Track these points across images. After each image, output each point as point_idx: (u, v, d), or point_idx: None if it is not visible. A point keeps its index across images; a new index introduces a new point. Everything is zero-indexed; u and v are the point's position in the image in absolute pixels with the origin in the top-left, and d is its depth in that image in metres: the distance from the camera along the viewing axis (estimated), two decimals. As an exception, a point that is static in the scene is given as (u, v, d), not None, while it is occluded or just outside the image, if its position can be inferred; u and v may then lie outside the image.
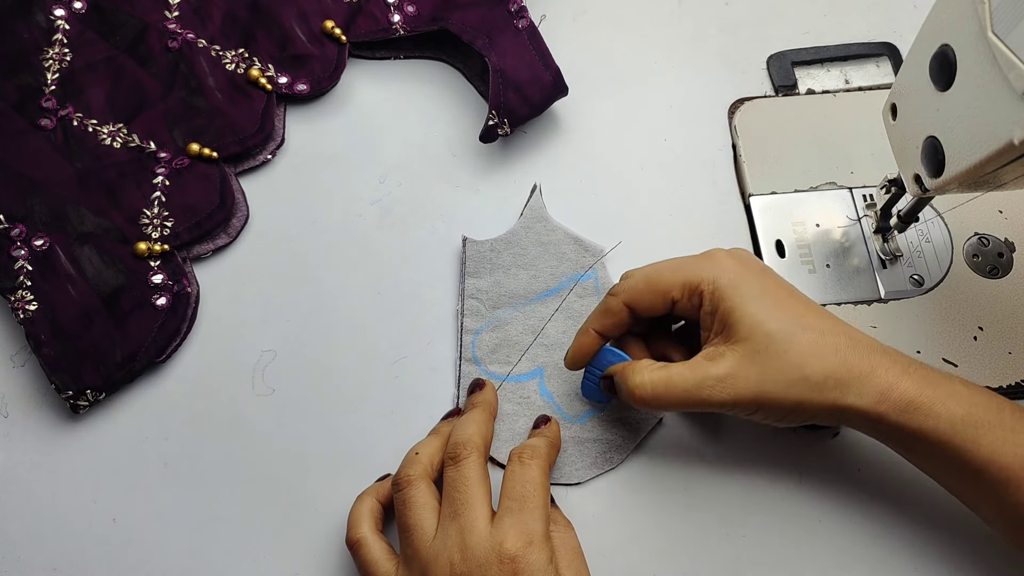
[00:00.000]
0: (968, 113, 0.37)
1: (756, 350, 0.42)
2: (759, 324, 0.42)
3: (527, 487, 0.42)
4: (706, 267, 0.45)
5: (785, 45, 0.62)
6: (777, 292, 0.44)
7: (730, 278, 0.44)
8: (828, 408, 0.42)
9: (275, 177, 0.58)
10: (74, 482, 0.50)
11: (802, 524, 0.48)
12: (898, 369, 0.41)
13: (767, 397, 0.42)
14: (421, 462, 0.45)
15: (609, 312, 0.47)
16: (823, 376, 0.41)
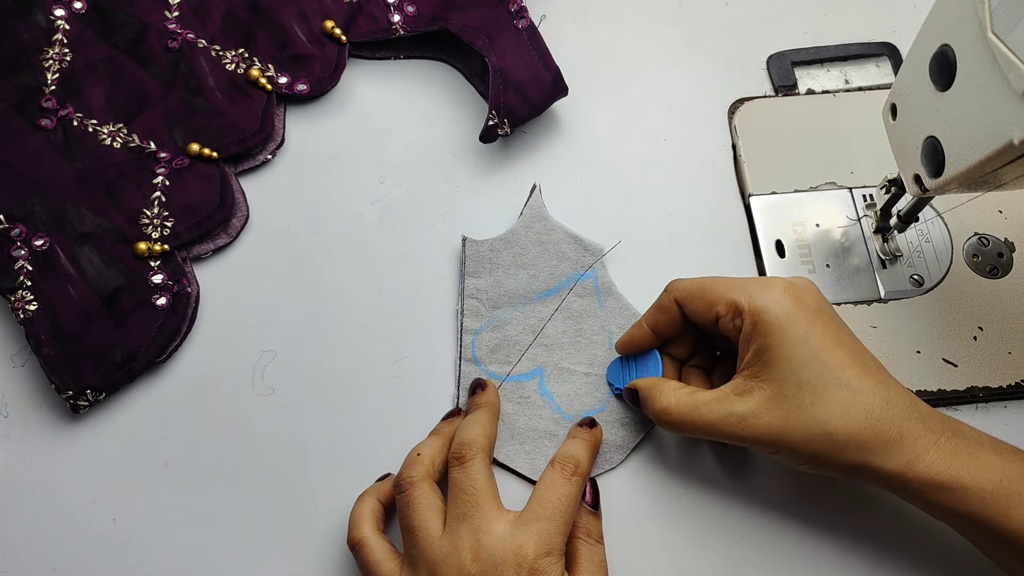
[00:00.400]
0: (968, 113, 0.37)
1: (784, 395, 0.41)
2: (792, 370, 0.41)
3: (561, 501, 0.42)
4: (758, 295, 0.43)
5: (785, 45, 0.62)
6: (824, 338, 0.42)
7: (777, 314, 0.42)
8: (848, 467, 0.41)
9: (275, 177, 0.58)
10: (74, 482, 0.50)
11: (802, 524, 0.48)
12: (929, 439, 0.40)
13: (786, 444, 0.41)
14: (423, 463, 0.45)
15: (662, 309, 0.47)
16: (847, 436, 0.40)
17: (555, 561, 0.41)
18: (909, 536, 0.47)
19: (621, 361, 0.51)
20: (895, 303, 0.52)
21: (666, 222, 0.56)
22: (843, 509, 0.48)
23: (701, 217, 0.56)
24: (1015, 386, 0.50)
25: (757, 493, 0.49)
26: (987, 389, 0.50)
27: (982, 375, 0.50)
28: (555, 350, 0.52)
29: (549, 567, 0.40)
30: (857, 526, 0.48)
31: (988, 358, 0.51)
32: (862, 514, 0.48)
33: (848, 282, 0.53)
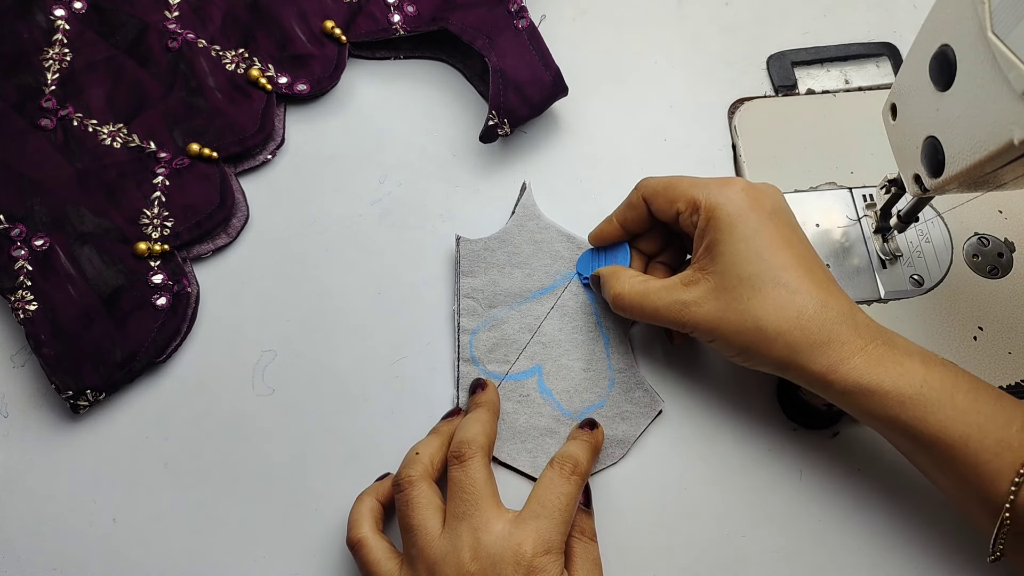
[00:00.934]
0: (968, 113, 0.37)
1: (725, 287, 0.43)
2: (735, 265, 0.43)
3: (560, 500, 0.43)
4: (716, 192, 0.45)
5: (785, 45, 0.62)
6: (772, 239, 0.43)
7: (730, 211, 0.44)
8: (775, 362, 0.43)
9: (275, 177, 0.58)
10: (74, 482, 0.50)
11: (802, 524, 0.48)
12: (857, 345, 0.42)
13: (720, 334, 0.44)
14: (422, 462, 0.45)
15: (631, 205, 0.49)
16: (776, 333, 0.42)
17: (554, 559, 0.41)
18: (908, 536, 0.47)
19: (592, 252, 0.53)
20: (895, 303, 0.52)
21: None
22: (843, 509, 0.48)
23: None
24: (1015, 386, 0.50)
25: (757, 493, 0.49)
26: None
27: (982, 375, 0.50)
28: (552, 347, 0.52)
29: (548, 565, 0.41)
30: (856, 526, 0.48)
31: (988, 358, 0.51)
32: (862, 514, 0.48)
33: (848, 282, 0.53)
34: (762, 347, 0.43)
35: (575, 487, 0.44)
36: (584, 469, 0.45)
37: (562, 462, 0.45)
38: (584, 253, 0.53)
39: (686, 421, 0.51)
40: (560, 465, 0.44)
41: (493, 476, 0.44)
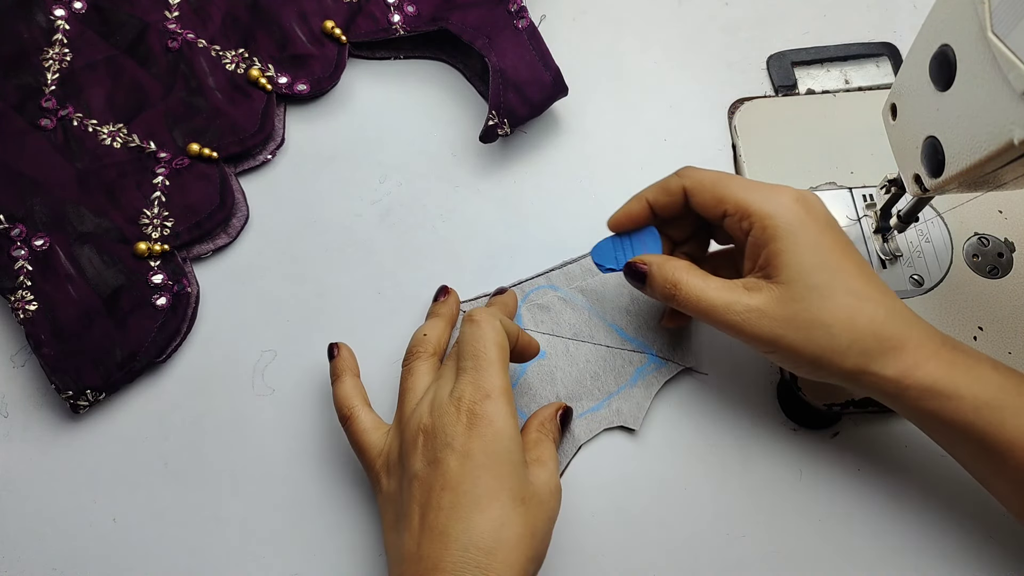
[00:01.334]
0: (968, 113, 0.37)
1: (792, 297, 0.42)
2: (804, 274, 0.42)
3: (478, 344, 0.43)
4: (769, 200, 0.44)
5: (785, 45, 0.62)
6: (833, 248, 0.43)
7: (789, 220, 0.43)
8: (847, 372, 0.42)
9: (275, 177, 0.58)
10: (74, 482, 0.50)
11: (802, 524, 0.48)
12: (929, 348, 0.41)
13: (785, 343, 0.42)
14: (431, 341, 0.48)
15: (667, 190, 0.47)
16: (849, 341, 0.41)
17: (495, 402, 0.41)
18: (908, 535, 0.47)
19: (613, 240, 0.50)
20: (895, 303, 0.52)
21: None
22: (843, 509, 0.48)
23: (701, 217, 0.56)
24: (1015, 386, 0.50)
25: (757, 493, 0.49)
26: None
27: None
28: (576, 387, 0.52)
29: (490, 407, 0.41)
30: (856, 526, 0.48)
31: (988, 358, 0.50)
32: (861, 514, 0.48)
33: (848, 282, 0.53)
34: (835, 357, 0.41)
35: (487, 327, 0.44)
36: (492, 312, 0.45)
37: (468, 315, 0.45)
38: (602, 241, 0.50)
39: (686, 421, 0.51)
40: (467, 317, 0.45)
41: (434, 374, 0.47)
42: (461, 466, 0.40)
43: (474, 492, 0.40)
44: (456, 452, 0.40)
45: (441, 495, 0.40)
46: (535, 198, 0.57)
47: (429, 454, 0.41)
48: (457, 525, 0.39)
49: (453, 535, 0.39)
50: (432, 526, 0.40)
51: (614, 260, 0.49)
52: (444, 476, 0.40)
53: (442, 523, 0.39)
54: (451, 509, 0.39)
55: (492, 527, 0.39)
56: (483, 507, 0.39)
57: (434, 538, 0.39)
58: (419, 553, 0.39)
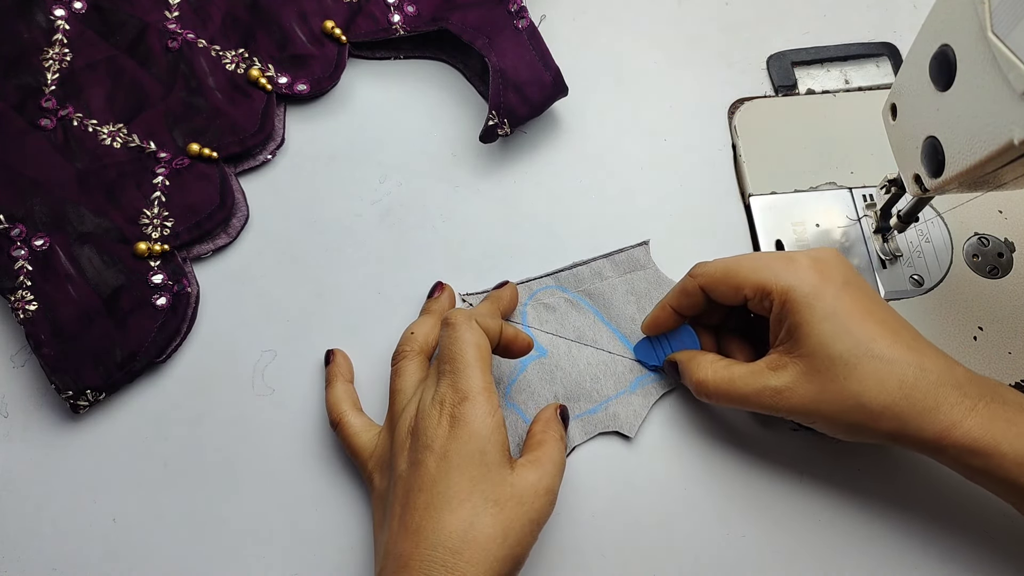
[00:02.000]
0: (968, 113, 0.37)
1: (816, 369, 0.42)
2: (823, 345, 0.41)
3: (455, 347, 0.43)
4: (783, 273, 0.43)
5: (785, 45, 0.62)
6: (852, 311, 0.42)
7: (804, 292, 0.42)
8: (885, 435, 0.41)
9: (275, 177, 0.58)
10: (74, 482, 0.50)
11: (802, 524, 0.48)
12: (966, 406, 0.40)
13: (821, 415, 0.42)
14: (417, 340, 0.49)
15: (685, 292, 0.48)
16: (881, 408, 0.40)
17: (474, 403, 0.42)
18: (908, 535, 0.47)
19: (650, 340, 0.51)
20: (895, 303, 0.52)
21: (666, 222, 0.56)
22: (843, 509, 0.48)
23: (701, 217, 0.56)
24: (1016, 386, 0.50)
25: (757, 494, 0.49)
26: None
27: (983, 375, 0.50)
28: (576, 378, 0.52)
29: (467, 409, 0.42)
30: (856, 526, 0.48)
31: (988, 358, 0.51)
32: (861, 514, 0.48)
33: (848, 282, 0.53)
34: (869, 423, 0.41)
35: (463, 329, 0.44)
36: (466, 314, 0.45)
37: (445, 318, 0.45)
38: (640, 342, 0.52)
39: (686, 422, 0.51)
40: (444, 321, 0.45)
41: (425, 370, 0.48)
42: (437, 467, 0.41)
43: (447, 493, 0.40)
44: (435, 454, 0.41)
45: (418, 495, 0.41)
46: (535, 198, 0.57)
47: (412, 456, 0.42)
48: (428, 524, 0.40)
49: (424, 534, 0.40)
50: (407, 525, 0.40)
51: (655, 358, 0.51)
52: (421, 477, 0.41)
53: (416, 522, 0.40)
54: (425, 509, 0.40)
55: (461, 527, 0.40)
56: (454, 507, 0.40)
57: (407, 536, 0.40)
58: (394, 551, 0.40)
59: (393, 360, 0.48)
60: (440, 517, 0.40)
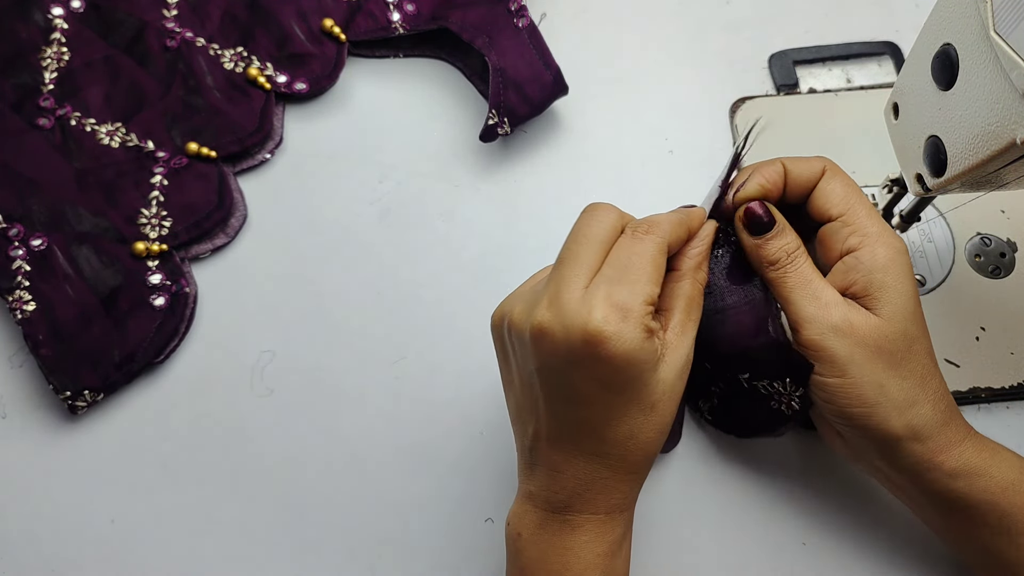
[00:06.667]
0: (970, 112, 0.37)
1: (887, 336, 0.39)
2: (905, 320, 0.39)
3: (632, 258, 0.38)
4: (886, 233, 0.41)
5: (786, 44, 0.61)
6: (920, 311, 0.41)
7: (899, 262, 0.40)
8: (891, 433, 0.40)
9: (274, 177, 0.58)
10: (72, 483, 0.50)
11: (802, 524, 0.48)
12: (964, 430, 0.41)
13: (852, 371, 0.39)
14: (662, 226, 0.40)
15: (804, 162, 0.43)
16: (913, 400, 0.40)
17: (630, 325, 0.36)
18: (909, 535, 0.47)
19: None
20: (897, 303, 0.52)
21: (667, 222, 0.56)
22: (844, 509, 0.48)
23: (702, 217, 0.56)
24: (1017, 387, 0.50)
25: (757, 493, 0.49)
26: (989, 390, 0.50)
27: (984, 376, 0.50)
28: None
29: (623, 331, 0.36)
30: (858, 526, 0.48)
31: (990, 358, 0.50)
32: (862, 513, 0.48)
33: (849, 282, 0.53)
34: (891, 412, 0.39)
35: (650, 244, 0.38)
36: (662, 228, 0.39)
37: (636, 224, 0.40)
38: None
39: (685, 421, 0.50)
40: (633, 227, 0.39)
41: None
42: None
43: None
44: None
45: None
46: (535, 198, 0.57)
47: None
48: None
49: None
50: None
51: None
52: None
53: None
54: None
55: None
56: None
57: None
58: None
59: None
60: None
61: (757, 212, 0.42)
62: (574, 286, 0.37)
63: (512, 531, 0.41)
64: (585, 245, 0.39)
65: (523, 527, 0.40)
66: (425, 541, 0.48)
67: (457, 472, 0.50)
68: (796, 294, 0.41)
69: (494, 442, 0.50)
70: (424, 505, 0.49)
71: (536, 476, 0.40)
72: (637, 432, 0.38)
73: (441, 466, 0.50)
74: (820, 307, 0.40)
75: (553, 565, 0.39)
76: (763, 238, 0.42)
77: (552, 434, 0.39)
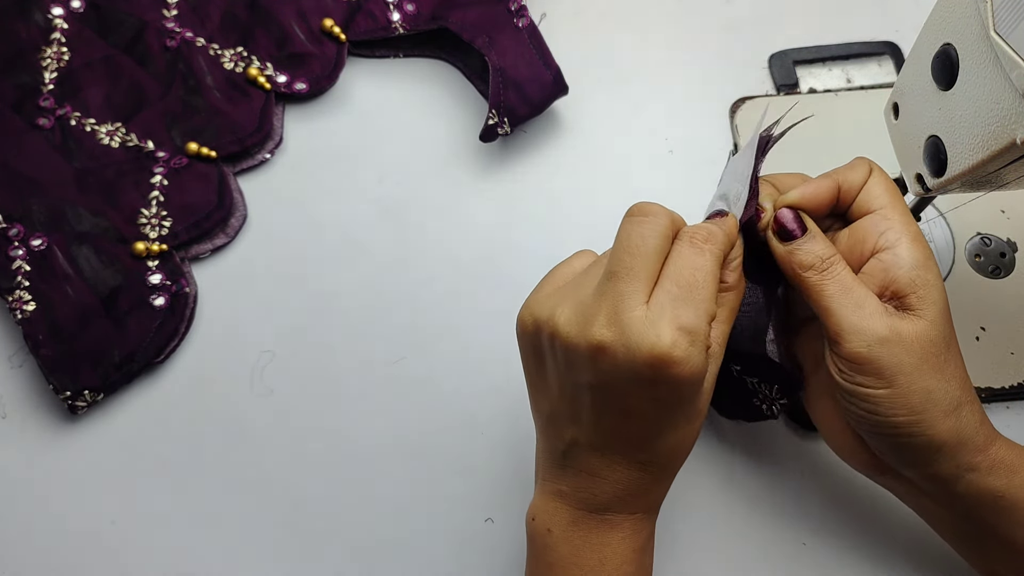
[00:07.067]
0: (970, 112, 0.37)
1: (931, 340, 0.38)
2: (944, 323, 0.38)
3: (697, 275, 0.36)
4: (920, 237, 0.39)
5: (786, 44, 0.61)
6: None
7: (932, 265, 0.39)
8: (937, 439, 0.38)
9: (274, 176, 0.58)
10: (72, 483, 0.50)
11: (802, 524, 0.48)
12: (992, 428, 0.40)
13: (902, 379, 0.37)
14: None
15: (853, 169, 0.42)
16: (958, 402, 0.38)
17: (696, 348, 0.35)
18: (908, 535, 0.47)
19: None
20: (897, 303, 0.52)
21: (667, 222, 0.56)
22: (843, 509, 0.48)
23: (702, 217, 0.56)
24: (1017, 387, 0.50)
25: (757, 493, 0.49)
26: (989, 390, 0.50)
27: (984, 376, 0.50)
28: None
29: (690, 354, 0.35)
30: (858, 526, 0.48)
31: (990, 359, 0.50)
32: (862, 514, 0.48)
33: (849, 282, 0.53)
34: (936, 415, 0.38)
35: (711, 258, 0.37)
36: (720, 240, 0.38)
37: (690, 232, 0.38)
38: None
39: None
40: (688, 236, 0.37)
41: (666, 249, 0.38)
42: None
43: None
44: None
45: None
46: (535, 198, 0.57)
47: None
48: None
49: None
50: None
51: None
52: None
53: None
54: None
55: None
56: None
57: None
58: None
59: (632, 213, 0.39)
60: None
61: (788, 223, 0.40)
62: (634, 302, 0.35)
63: (540, 526, 0.40)
64: (641, 258, 0.36)
65: (554, 523, 0.40)
66: (425, 541, 0.48)
67: (457, 472, 0.50)
68: (836, 303, 0.38)
69: (494, 442, 0.50)
70: (424, 505, 0.49)
71: (568, 476, 0.40)
72: (682, 440, 0.38)
73: (441, 466, 0.50)
74: (864, 317, 0.38)
75: (588, 561, 0.39)
76: (794, 243, 0.40)
77: (595, 443, 0.38)
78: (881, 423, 0.38)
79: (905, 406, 0.38)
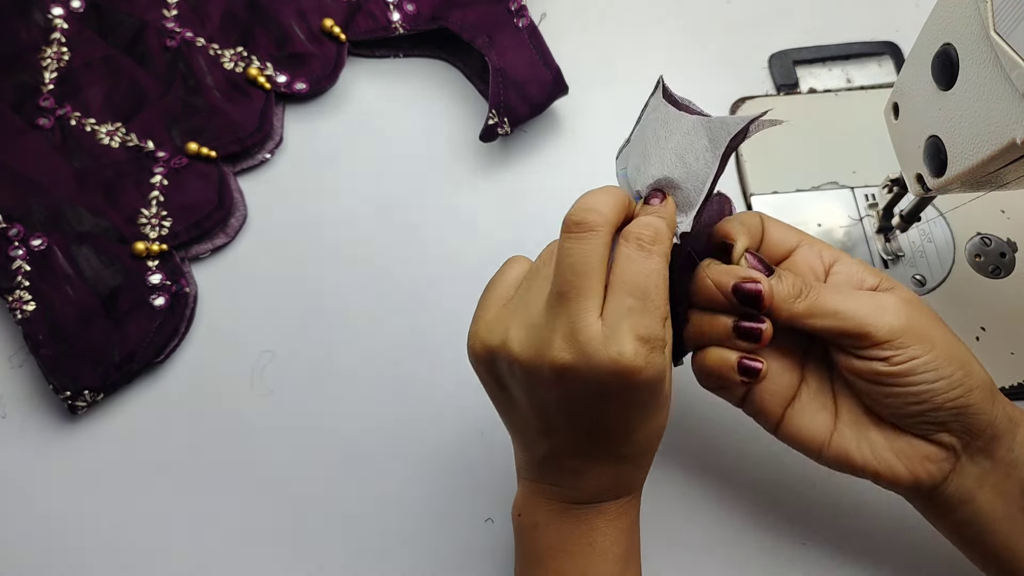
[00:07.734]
0: (970, 112, 0.37)
1: (916, 303, 0.39)
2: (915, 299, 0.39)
3: (649, 280, 0.35)
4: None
5: (786, 44, 0.61)
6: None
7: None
8: (986, 381, 0.38)
9: (274, 176, 0.58)
10: (72, 483, 0.50)
11: (802, 524, 0.48)
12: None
13: (938, 341, 0.37)
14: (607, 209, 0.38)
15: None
16: (987, 379, 0.39)
17: (657, 353, 0.35)
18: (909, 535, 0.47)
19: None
20: (897, 303, 0.52)
21: (667, 222, 0.56)
22: (844, 509, 0.48)
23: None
24: (1018, 386, 0.50)
25: (757, 493, 0.49)
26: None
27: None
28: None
29: (652, 360, 0.35)
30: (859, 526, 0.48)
31: (991, 358, 0.50)
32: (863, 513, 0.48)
33: (850, 282, 0.53)
34: (976, 365, 0.38)
35: (660, 261, 0.36)
36: (665, 238, 0.37)
37: (636, 233, 0.36)
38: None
39: (685, 421, 0.50)
40: (635, 237, 0.36)
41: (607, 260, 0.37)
42: None
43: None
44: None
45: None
46: (535, 198, 0.57)
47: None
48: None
49: None
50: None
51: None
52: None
53: None
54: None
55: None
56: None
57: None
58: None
59: (569, 226, 0.38)
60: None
61: (741, 292, 0.38)
62: (589, 319, 0.35)
63: (527, 521, 0.41)
64: (587, 277, 0.35)
65: (539, 516, 0.40)
66: (425, 541, 0.48)
67: (457, 472, 0.50)
68: (841, 304, 0.38)
69: (494, 442, 0.50)
70: (424, 505, 0.49)
71: (551, 476, 0.40)
72: (655, 427, 0.38)
73: (441, 466, 0.50)
74: (872, 298, 0.38)
75: (577, 546, 0.39)
76: (774, 280, 0.39)
77: (572, 449, 0.38)
78: (939, 390, 0.37)
79: (955, 358, 0.37)
